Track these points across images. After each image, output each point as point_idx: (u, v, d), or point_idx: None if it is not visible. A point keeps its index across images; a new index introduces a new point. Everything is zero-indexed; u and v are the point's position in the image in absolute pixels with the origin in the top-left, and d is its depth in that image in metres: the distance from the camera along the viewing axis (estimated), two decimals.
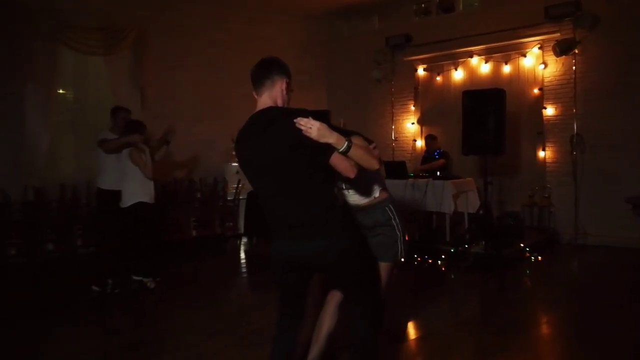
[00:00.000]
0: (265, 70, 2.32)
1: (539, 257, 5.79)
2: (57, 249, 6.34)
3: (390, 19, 8.64)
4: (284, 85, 2.32)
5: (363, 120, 8.78)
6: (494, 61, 7.49)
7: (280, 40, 8.75)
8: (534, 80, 7.13)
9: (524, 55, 7.18)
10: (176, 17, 7.65)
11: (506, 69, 7.35)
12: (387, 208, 2.77)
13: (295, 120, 2.10)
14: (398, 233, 2.75)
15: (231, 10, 8.15)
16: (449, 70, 7.95)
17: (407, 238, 2.83)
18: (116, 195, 4.70)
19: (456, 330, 3.82)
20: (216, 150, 7.89)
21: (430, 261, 5.83)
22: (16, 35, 6.19)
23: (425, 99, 8.28)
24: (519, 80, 7.23)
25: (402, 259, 2.78)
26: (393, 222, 2.76)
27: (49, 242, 6.34)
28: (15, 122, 6.21)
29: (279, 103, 2.31)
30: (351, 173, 2.21)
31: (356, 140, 2.31)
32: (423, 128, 8.28)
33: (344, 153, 2.16)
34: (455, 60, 7.84)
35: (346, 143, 2.15)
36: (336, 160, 2.17)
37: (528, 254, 5.84)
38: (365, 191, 2.75)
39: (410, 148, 8.39)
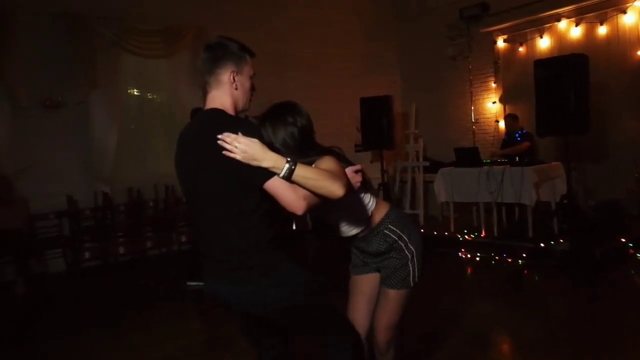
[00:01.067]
0: (206, 61, 1.84)
1: None
2: (127, 252, 6.48)
3: None
4: (231, 77, 1.82)
5: (440, 103, 8.08)
6: (586, 23, 6.40)
7: (347, 25, 8.28)
8: (637, 41, 5.97)
9: (624, 12, 6.04)
10: (235, 11, 7.46)
11: (602, 30, 6.25)
12: (386, 231, 2.14)
13: (219, 137, 1.64)
14: (408, 254, 2.15)
15: None
16: (533, 38, 6.96)
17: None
18: None
19: (544, 346, 3.17)
20: None
21: (509, 260, 5.10)
22: (80, 44, 6.33)
23: (507, 74, 7.35)
24: (619, 43, 6.10)
25: (414, 283, 2.19)
26: (400, 242, 2.16)
27: (119, 245, 6.49)
28: (82, 129, 6.39)
29: (228, 103, 1.82)
30: (298, 208, 1.67)
31: (325, 162, 1.81)
32: (506, 107, 7.36)
33: (285, 178, 1.66)
34: (540, 27, 6.85)
35: (286, 165, 1.65)
36: (277, 189, 1.67)
37: (632, 251, 4.88)
38: (351, 222, 2.13)
39: (493, 130, 7.51)
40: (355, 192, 1.99)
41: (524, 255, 5.04)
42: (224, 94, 1.83)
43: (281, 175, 1.65)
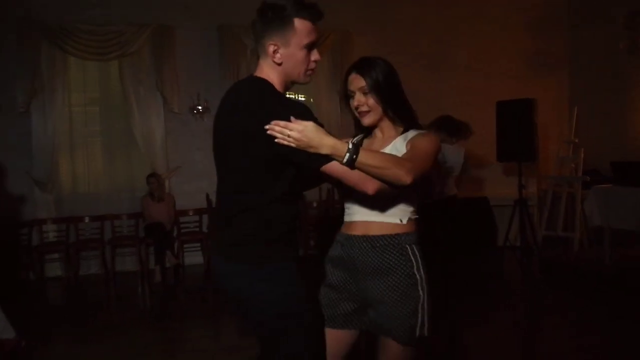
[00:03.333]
0: (253, 25, 1.67)
1: None
2: None
3: None
4: (271, 50, 1.62)
5: (615, 106, 6.85)
6: None
7: (511, 20, 7.48)
8: None
9: None
10: (386, 12, 7.19)
11: None
12: (408, 247, 1.72)
13: (267, 127, 1.50)
14: (421, 293, 1.71)
15: None
16: None
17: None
18: None
19: None
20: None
21: None
22: (224, 54, 6.78)
23: None
24: None
25: (425, 335, 1.71)
26: (415, 272, 1.71)
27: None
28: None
29: (274, 77, 1.65)
30: (369, 187, 1.54)
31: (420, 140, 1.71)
32: None
33: (347, 166, 1.51)
34: None
35: (347, 154, 1.50)
36: (339, 171, 1.54)
37: None
38: (382, 206, 1.73)
39: None
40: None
41: None
42: (269, 66, 1.66)
43: (343, 162, 1.52)
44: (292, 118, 1.49)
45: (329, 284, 1.85)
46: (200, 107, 6.63)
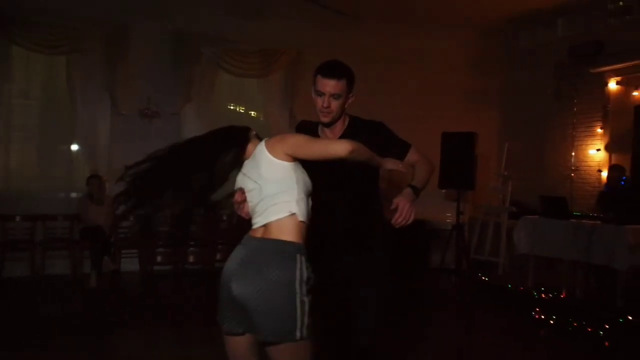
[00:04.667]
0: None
1: None
2: (197, 262, 6.70)
3: (577, 24, 7.17)
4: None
5: (538, 145, 7.49)
6: None
7: (451, 57, 7.97)
8: None
9: None
10: (336, 37, 7.45)
11: None
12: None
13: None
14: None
15: (397, 26, 7.62)
16: None
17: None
18: None
19: None
20: None
21: (589, 330, 4.48)
22: (179, 60, 6.77)
23: (617, 120, 6.58)
24: None
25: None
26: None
27: (190, 254, 6.72)
28: (171, 140, 6.74)
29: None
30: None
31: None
32: (612, 156, 6.59)
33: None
34: None
35: None
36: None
37: None
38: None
39: (595, 180, 6.75)
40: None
41: (607, 326, 4.39)
42: None
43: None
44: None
45: None
46: (148, 110, 6.53)
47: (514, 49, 8.17)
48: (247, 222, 1.91)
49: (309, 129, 2.29)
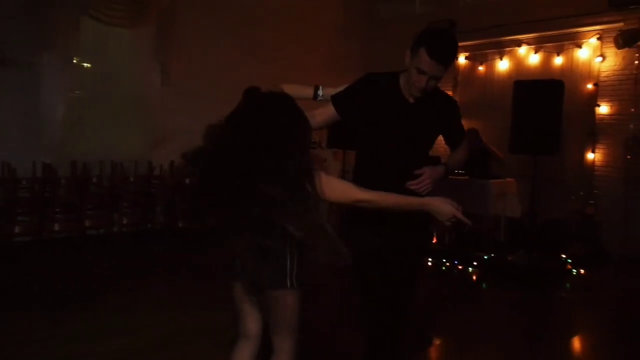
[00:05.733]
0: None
1: (582, 271, 5.20)
2: (63, 229, 6.05)
3: (434, 2, 8.02)
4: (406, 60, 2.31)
5: None
6: (544, 51, 6.80)
7: (320, 22, 8.22)
8: (588, 75, 6.43)
9: (579, 47, 6.48)
10: None
11: (558, 60, 6.66)
12: None
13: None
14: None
15: None
16: (494, 59, 7.30)
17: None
18: None
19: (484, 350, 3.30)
20: None
21: (460, 267, 5.29)
22: (38, 3, 5.85)
23: (466, 91, 7.63)
24: (572, 74, 6.52)
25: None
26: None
27: (56, 221, 6.04)
28: (28, 93, 5.89)
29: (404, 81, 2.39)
30: None
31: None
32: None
33: None
34: (501, 49, 7.19)
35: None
36: None
37: (570, 267, 5.24)
38: None
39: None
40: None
41: (475, 264, 5.25)
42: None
43: None
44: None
45: None
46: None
47: (375, 20, 8.78)
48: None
49: (381, 82, 2.29)
